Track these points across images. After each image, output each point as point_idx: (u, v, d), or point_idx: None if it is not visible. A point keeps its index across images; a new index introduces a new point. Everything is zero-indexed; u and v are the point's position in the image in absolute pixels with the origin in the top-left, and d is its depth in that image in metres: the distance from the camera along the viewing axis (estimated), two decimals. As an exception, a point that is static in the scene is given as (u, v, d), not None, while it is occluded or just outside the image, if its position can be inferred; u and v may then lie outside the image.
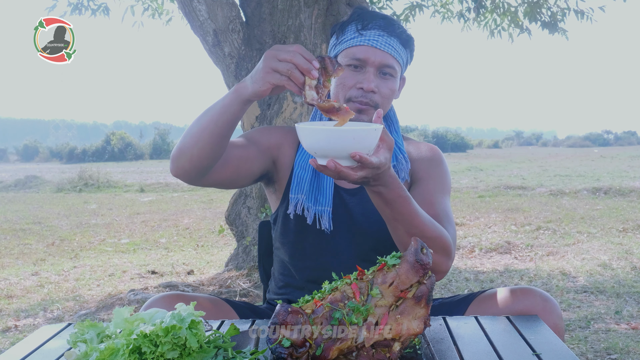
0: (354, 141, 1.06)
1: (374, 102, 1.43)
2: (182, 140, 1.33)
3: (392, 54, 1.44)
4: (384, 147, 1.15)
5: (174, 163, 1.34)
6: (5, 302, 4.16)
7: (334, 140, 1.07)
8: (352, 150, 1.07)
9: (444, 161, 1.56)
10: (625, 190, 10.08)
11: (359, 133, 1.07)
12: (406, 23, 6.11)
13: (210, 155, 1.31)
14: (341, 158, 1.09)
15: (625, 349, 2.84)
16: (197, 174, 1.34)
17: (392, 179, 1.21)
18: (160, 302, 1.30)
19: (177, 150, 1.33)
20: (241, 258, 4.35)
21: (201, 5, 3.72)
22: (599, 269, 4.58)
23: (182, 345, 0.93)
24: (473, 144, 43.38)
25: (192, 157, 1.30)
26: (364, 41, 1.43)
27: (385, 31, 1.44)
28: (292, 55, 1.15)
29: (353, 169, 1.11)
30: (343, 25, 1.48)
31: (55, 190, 14.05)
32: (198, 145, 1.29)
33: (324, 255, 1.50)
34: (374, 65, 1.43)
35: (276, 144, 1.52)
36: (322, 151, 1.08)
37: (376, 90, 1.42)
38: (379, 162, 1.12)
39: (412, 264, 0.96)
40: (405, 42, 1.48)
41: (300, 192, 1.48)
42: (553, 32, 5.98)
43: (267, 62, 1.17)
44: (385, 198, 1.23)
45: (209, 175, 1.36)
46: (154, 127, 37.57)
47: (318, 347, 0.94)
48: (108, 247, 6.54)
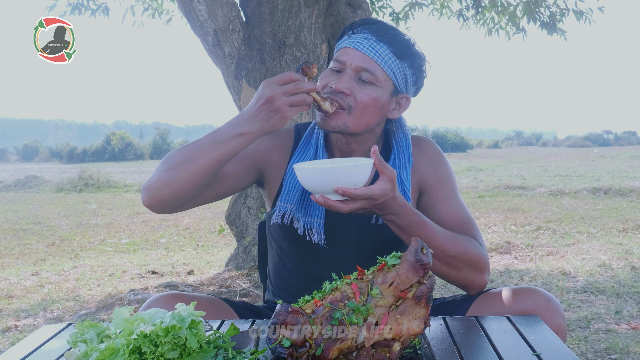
0: (333, 177, 1.15)
1: (347, 103, 1.35)
2: (167, 172, 1.29)
3: (374, 59, 1.35)
4: (384, 179, 1.19)
5: (151, 193, 1.30)
6: (5, 302, 4.16)
7: (317, 178, 1.17)
8: (335, 186, 1.15)
9: (443, 156, 1.53)
10: (625, 190, 10.08)
11: (339, 170, 1.15)
12: (406, 21, 6.12)
13: (199, 188, 1.31)
14: (328, 193, 1.18)
15: (625, 349, 2.84)
16: (176, 204, 1.32)
17: (400, 207, 1.24)
18: (160, 302, 1.30)
19: (158, 182, 1.29)
20: (241, 258, 4.35)
21: (201, 5, 3.72)
22: (599, 269, 4.58)
23: (182, 345, 0.93)
24: (473, 144, 43.38)
25: (178, 189, 1.29)
26: (349, 43, 1.38)
27: (375, 35, 1.36)
28: (298, 86, 1.22)
29: (343, 202, 1.18)
30: (342, 31, 1.44)
31: (55, 190, 14.05)
32: (189, 179, 1.28)
33: (318, 265, 1.47)
34: (352, 67, 1.35)
35: (263, 154, 1.47)
36: (312, 188, 1.19)
37: (348, 92, 1.34)
38: (371, 194, 1.17)
39: (412, 264, 0.96)
40: (400, 52, 1.37)
41: (289, 202, 1.44)
42: (552, 32, 5.98)
43: (281, 101, 1.21)
44: (399, 225, 1.27)
45: (187, 203, 1.34)
46: (154, 127, 37.58)
47: (318, 347, 0.94)
48: (108, 247, 6.54)
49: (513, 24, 6.20)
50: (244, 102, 3.85)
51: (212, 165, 1.28)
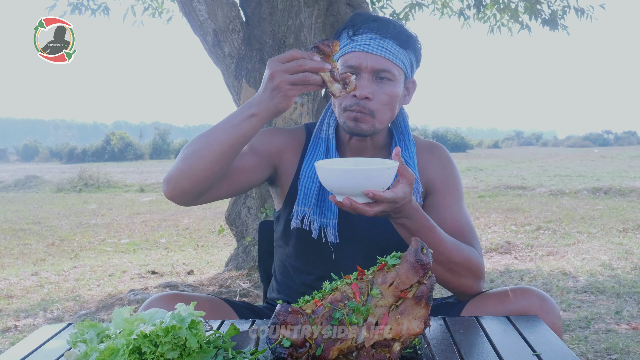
0: (366, 180, 1.11)
1: (369, 109, 1.38)
2: (183, 161, 1.29)
3: (387, 57, 1.38)
4: (404, 181, 1.17)
5: (172, 184, 1.30)
6: (5, 302, 4.16)
7: (347, 180, 1.12)
8: (365, 188, 1.12)
9: (452, 161, 1.54)
10: (625, 190, 10.08)
11: (372, 172, 1.12)
12: (406, 22, 6.12)
13: (216, 175, 1.30)
14: (356, 195, 1.14)
15: (625, 349, 2.84)
16: (197, 194, 1.32)
17: (414, 210, 1.23)
18: (160, 302, 1.30)
19: (177, 172, 1.29)
20: (241, 258, 4.35)
21: (201, 5, 3.72)
22: (599, 269, 4.58)
23: (182, 346, 0.93)
24: (473, 144, 43.39)
25: (196, 178, 1.28)
26: (355, 47, 1.38)
27: (378, 34, 1.38)
28: (300, 63, 1.15)
29: (369, 205, 1.15)
30: (337, 33, 1.45)
31: (55, 190, 14.05)
32: (205, 167, 1.27)
33: (327, 264, 1.47)
34: (368, 70, 1.37)
35: (278, 150, 1.49)
36: (338, 189, 1.14)
37: (371, 96, 1.37)
38: (395, 197, 1.15)
39: (412, 264, 0.96)
40: (404, 42, 1.40)
41: (307, 205, 1.44)
42: (554, 28, 5.97)
43: (280, 79, 1.16)
44: (409, 229, 1.26)
45: (207, 193, 1.34)
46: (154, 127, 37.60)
47: (318, 347, 0.94)
48: (108, 247, 6.54)
49: (515, 21, 6.21)
50: (244, 102, 3.85)
51: (227, 150, 1.26)
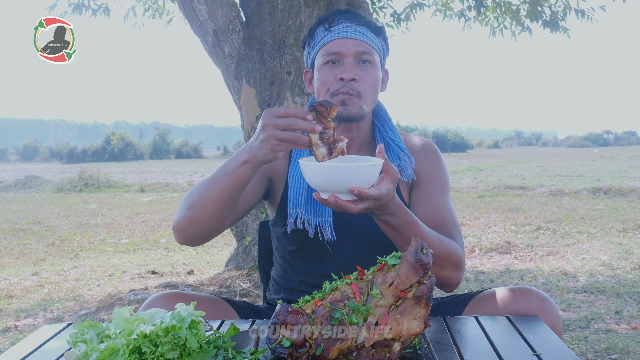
0: (351, 177, 1.11)
1: (356, 90, 1.41)
2: (189, 210, 1.33)
3: (365, 42, 1.43)
4: (388, 178, 1.18)
5: (183, 233, 1.36)
6: (5, 302, 4.16)
7: (332, 177, 1.12)
8: (351, 185, 1.12)
9: (440, 157, 1.56)
10: (625, 190, 10.08)
11: (357, 169, 1.12)
12: (407, 22, 6.12)
13: (222, 219, 1.34)
14: (341, 192, 1.13)
15: (625, 349, 2.84)
16: (207, 236, 1.37)
17: (397, 206, 1.24)
18: (160, 301, 1.30)
19: (184, 221, 1.34)
20: (241, 258, 4.35)
21: (201, 5, 3.72)
22: (599, 269, 4.58)
23: (182, 345, 0.93)
24: (473, 144, 43.42)
25: (203, 226, 1.33)
26: (334, 36, 1.43)
27: (353, 22, 1.43)
28: (291, 122, 1.14)
29: (354, 202, 1.16)
30: (311, 31, 1.48)
31: (55, 190, 14.05)
32: (210, 214, 1.31)
33: (324, 262, 1.49)
34: (350, 55, 1.41)
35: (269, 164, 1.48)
36: (323, 186, 1.14)
37: (357, 78, 1.40)
38: (380, 194, 1.16)
39: (412, 264, 0.96)
40: (376, 29, 1.46)
41: (298, 206, 1.46)
42: (555, 30, 5.98)
43: (270, 134, 1.16)
44: (392, 225, 1.27)
45: (217, 230, 1.38)
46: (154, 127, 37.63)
47: (318, 347, 0.94)
48: (108, 247, 6.54)
49: (517, 23, 6.21)
50: (244, 102, 3.85)
51: (226, 197, 1.29)
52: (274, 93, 3.82)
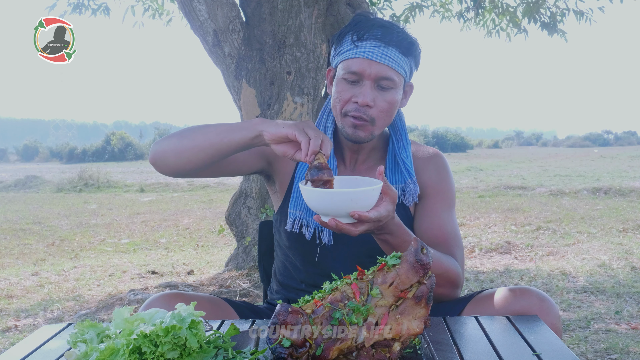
0: (351, 202, 1.13)
1: (369, 116, 1.39)
2: (179, 139, 1.36)
3: (390, 65, 1.37)
4: (387, 200, 1.19)
5: (159, 153, 1.39)
6: (5, 302, 4.16)
7: (333, 202, 1.14)
8: (351, 210, 1.14)
9: (449, 170, 1.56)
10: (625, 190, 10.08)
11: (357, 194, 1.13)
12: (406, 24, 6.12)
13: (204, 163, 1.37)
14: (341, 216, 1.16)
15: (625, 349, 2.84)
16: (179, 170, 1.39)
17: (396, 227, 1.26)
18: (160, 301, 1.30)
19: (168, 144, 1.37)
20: (241, 258, 4.35)
21: (201, 5, 3.72)
22: (599, 269, 4.58)
23: (182, 345, 0.93)
24: (473, 144, 43.42)
25: (184, 158, 1.36)
26: (359, 53, 1.38)
27: (382, 41, 1.37)
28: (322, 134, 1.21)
29: (354, 225, 1.17)
30: (340, 35, 1.44)
31: (55, 190, 14.05)
32: (197, 151, 1.34)
33: (325, 264, 1.49)
34: (370, 78, 1.37)
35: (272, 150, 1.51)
36: (324, 211, 1.16)
37: (372, 104, 1.38)
38: (379, 216, 1.18)
39: (412, 264, 0.96)
40: (406, 50, 1.40)
41: (298, 208, 1.47)
42: (552, 33, 5.98)
43: (302, 124, 1.23)
44: (391, 244, 1.28)
45: (189, 173, 1.40)
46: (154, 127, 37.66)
47: (318, 347, 0.94)
48: (108, 247, 6.54)
49: (514, 25, 6.21)
50: (244, 102, 3.85)
51: (225, 147, 1.33)
52: (274, 93, 3.83)
